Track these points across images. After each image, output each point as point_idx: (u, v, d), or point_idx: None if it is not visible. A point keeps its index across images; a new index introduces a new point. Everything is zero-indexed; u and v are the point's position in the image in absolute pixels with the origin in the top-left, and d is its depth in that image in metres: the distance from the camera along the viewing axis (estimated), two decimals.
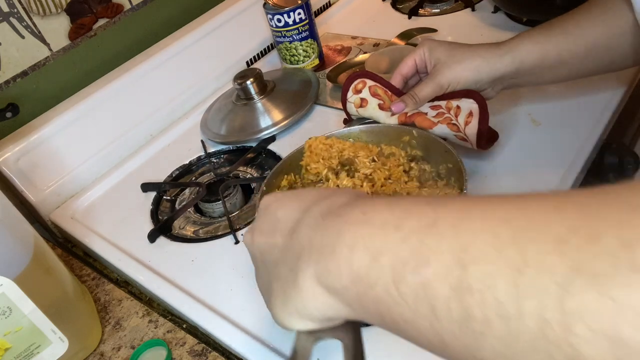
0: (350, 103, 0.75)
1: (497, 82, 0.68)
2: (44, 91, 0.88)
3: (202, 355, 0.61)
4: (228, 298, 0.66)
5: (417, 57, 0.71)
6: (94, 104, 0.90)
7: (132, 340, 0.64)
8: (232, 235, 0.74)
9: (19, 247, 0.55)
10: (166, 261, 0.74)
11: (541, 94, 0.82)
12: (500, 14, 1.06)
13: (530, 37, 0.66)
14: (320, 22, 1.21)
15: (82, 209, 0.88)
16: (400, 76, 0.72)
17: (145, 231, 0.78)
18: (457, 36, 1.04)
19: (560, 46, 0.65)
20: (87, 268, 0.77)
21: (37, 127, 0.84)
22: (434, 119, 0.68)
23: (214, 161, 0.92)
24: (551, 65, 0.66)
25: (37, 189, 0.85)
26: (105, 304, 0.70)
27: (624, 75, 0.79)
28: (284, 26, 1.00)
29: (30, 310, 0.55)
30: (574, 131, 0.75)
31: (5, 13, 0.80)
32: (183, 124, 1.00)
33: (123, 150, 0.95)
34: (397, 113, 0.70)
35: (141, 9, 0.98)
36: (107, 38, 0.94)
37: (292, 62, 1.05)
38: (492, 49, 0.67)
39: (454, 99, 0.68)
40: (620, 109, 0.80)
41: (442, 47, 0.69)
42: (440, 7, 1.16)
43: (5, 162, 0.82)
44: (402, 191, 0.61)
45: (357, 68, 1.01)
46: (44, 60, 0.87)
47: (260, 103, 0.95)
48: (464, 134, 0.66)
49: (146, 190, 0.87)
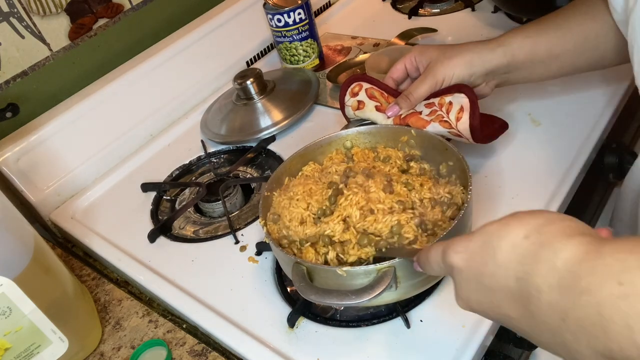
0: (347, 106, 0.75)
1: (490, 76, 0.69)
2: (44, 91, 0.88)
3: (202, 355, 0.61)
4: (228, 298, 0.66)
5: (407, 62, 0.72)
6: (94, 104, 0.90)
7: (132, 340, 0.64)
8: (232, 235, 0.74)
9: (19, 247, 0.55)
10: (166, 261, 0.74)
11: (541, 93, 0.82)
12: (500, 14, 1.06)
13: (521, 32, 0.67)
14: (320, 22, 1.21)
15: (82, 209, 0.88)
16: (390, 81, 0.73)
17: (145, 231, 0.78)
18: (457, 36, 1.04)
19: (551, 40, 0.66)
20: (87, 268, 0.77)
21: (37, 127, 0.84)
22: (427, 117, 0.68)
23: (214, 161, 0.92)
24: (542, 59, 0.67)
25: (37, 189, 0.85)
26: (105, 304, 0.70)
27: (624, 74, 0.79)
28: (284, 26, 1.00)
29: (30, 310, 0.55)
30: (574, 131, 0.75)
31: (5, 13, 0.80)
32: (183, 124, 1.00)
33: (123, 150, 0.95)
34: (393, 116, 0.70)
35: (141, 9, 0.98)
36: (107, 38, 0.94)
37: (292, 62, 1.05)
38: (484, 44, 0.68)
39: (446, 95, 0.68)
40: (620, 109, 0.80)
41: (433, 48, 0.70)
42: (440, 7, 1.16)
43: (5, 162, 0.82)
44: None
45: (357, 68, 1.01)
46: (44, 60, 0.87)
47: (260, 103, 0.95)
48: (457, 130, 0.66)
49: (146, 190, 0.87)
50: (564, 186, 0.69)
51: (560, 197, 0.67)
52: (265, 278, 0.67)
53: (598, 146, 0.75)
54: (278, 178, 0.67)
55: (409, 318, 0.58)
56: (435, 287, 0.61)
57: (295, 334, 0.60)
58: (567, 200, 0.69)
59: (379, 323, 0.59)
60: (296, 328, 0.61)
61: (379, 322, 0.59)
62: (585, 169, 0.72)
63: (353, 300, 0.50)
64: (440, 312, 0.59)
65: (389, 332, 0.58)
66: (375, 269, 0.51)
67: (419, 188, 0.61)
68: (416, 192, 0.60)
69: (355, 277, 0.52)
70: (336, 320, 0.61)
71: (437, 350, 0.55)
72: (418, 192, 0.60)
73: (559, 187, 0.68)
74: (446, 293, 0.61)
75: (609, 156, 0.82)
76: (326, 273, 0.53)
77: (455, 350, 0.55)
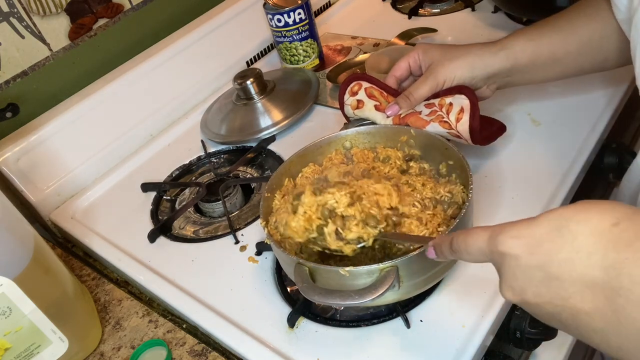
0: (347, 105, 0.75)
1: (491, 80, 0.68)
2: (44, 91, 0.88)
3: (202, 355, 0.61)
4: (228, 298, 0.66)
5: (410, 60, 0.71)
6: (94, 104, 0.90)
7: (132, 340, 0.64)
8: (232, 235, 0.74)
9: (19, 247, 0.55)
10: (166, 261, 0.74)
11: (541, 93, 0.82)
12: (500, 14, 1.06)
13: (523, 35, 0.67)
14: (320, 22, 1.21)
15: (82, 209, 0.88)
16: (393, 78, 0.73)
17: (145, 231, 0.78)
18: (457, 36, 1.04)
19: (554, 43, 0.65)
20: (87, 268, 0.77)
21: (37, 127, 0.84)
22: (427, 117, 0.68)
23: (214, 161, 0.92)
24: (545, 62, 0.66)
25: (37, 189, 0.85)
26: (105, 304, 0.70)
27: (624, 75, 0.79)
28: (284, 26, 1.00)
29: (30, 310, 0.55)
30: (574, 131, 0.75)
31: (5, 13, 0.80)
32: (183, 124, 1.00)
33: (123, 150, 0.95)
34: (392, 115, 0.70)
35: (141, 9, 0.98)
36: (107, 38, 0.94)
37: (292, 62, 1.05)
38: (486, 46, 0.67)
39: (447, 96, 0.68)
40: (620, 109, 0.80)
41: (436, 48, 0.69)
42: (440, 7, 1.16)
43: (5, 162, 0.82)
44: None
45: (357, 68, 1.01)
46: (44, 60, 0.87)
47: (260, 103, 0.95)
48: (456, 131, 0.66)
49: (146, 190, 0.87)
50: (564, 186, 0.69)
51: (560, 197, 0.67)
52: (265, 278, 0.67)
53: (598, 146, 0.75)
54: (278, 179, 0.67)
55: (409, 318, 0.58)
56: (436, 287, 0.61)
57: (295, 334, 0.60)
58: (567, 200, 0.69)
59: (379, 323, 0.59)
60: (296, 328, 0.61)
61: (379, 322, 0.59)
62: (585, 169, 0.72)
63: (356, 300, 0.50)
64: (440, 312, 0.59)
65: (389, 332, 0.58)
66: (378, 269, 0.51)
67: (420, 188, 0.61)
68: (417, 192, 0.60)
69: (357, 277, 0.51)
70: (336, 320, 0.61)
71: (437, 350, 0.55)
72: (419, 192, 0.60)
73: (559, 187, 0.69)
74: (446, 293, 0.61)
75: (608, 156, 0.82)
76: (328, 273, 0.53)
77: (455, 350, 0.55)
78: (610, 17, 0.61)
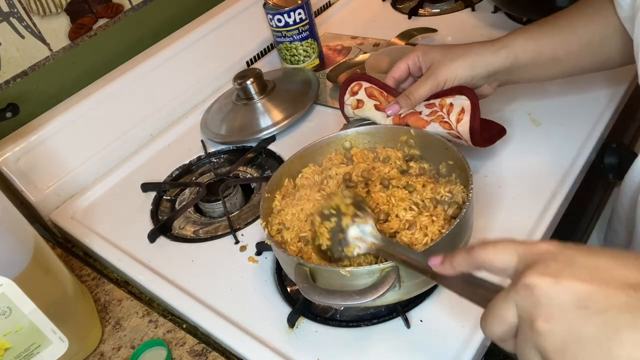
0: (347, 105, 0.75)
1: (492, 78, 0.68)
2: (44, 91, 0.88)
3: (202, 355, 0.61)
4: (228, 298, 0.66)
5: (410, 61, 0.71)
6: (94, 104, 0.90)
7: (132, 340, 0.64)
8: (232, 235, 0.74)
9: (19, 247, 0.55)
10: (166, 261, 0.74)
11: (541, 93, 0.82)
12: (500, 14, 1.06)
13: (524, 33, 0.67)
14: (320, 22, 1.21)
15: (82, 209, 0.88)
16: (392, 80, 0.73)
17: (145, 231, 0.78)
18: (457, 36, 1.04)
19: (555, 42, 0.65)
20: (87, 268, 0.77)
21: (37, 127, 0.84)
22: (427, 117, 0.68)
23: (214, 161, 0.92)
24: (546, 61, 0.66)
25: (37, 189, 0.85)
26: (105, 304, 0.70)
27: (624, 74, 0.79)
28: (284, 26, 1.00)
29: (30, 310, 0.54)
30: (574, 131, 0.75)
31: (5, 13, 0.80)
32: (183, 124, 1.00)
33: (123, 150, 0.95)
34: (392, 115, 0.70)
35: (141, 9, 0.98)
36: (107, 38, 0.94)
37: (292, 62, 1.05)
38: (487, 45, 0.67)
39: (447, 97, 0.68)
40: (620, 109, 0.80)
41: (436, 49, 0.69)
42: (440, 7, 1.16)
43: (5, 162, 0.82)
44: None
45: (357, 68, 1.01)
46: (44, 60, 0.87)
47: (260, 103, 0.95)
48: (456, 132, 0.66)
49: (146, 190, 0.87)
50: (564, 186, 0.69)
51: (561, 197, 0.67)
52: (265, 278, 0.67)
53: (598, 146, 0.75)
54: (278, 179, 0.67)
55: (409, 318, 0.58)
56: (436, 287, 0.61)
57: (295, 334, 0.60)
58: (567, 200, 0.69)
59: (379, 323, 0.59)
60: (296, 328, 0.61)
61: (379, 322, 0.59)
62: (585, 169, 0.72)
63: (357, 300, 0.50)
64: (440, 312, 0.59)
65: (389, 332, 0.58)
66: (379, 269, 0.51)
67: (420, 189, 0.61)
68: (417, 193, 0.60)
69: (358, 277, 0.51)
70: (336, 320, 0.61)
71: (437, 350, 0.55)
72: (420, 193, 0.60)
73: (559, 187, 0.69)
74: (446, 293, 0.60)
75: (609, 156, 0.82)
76: (329, 273, 0.53)
77: (455, 350, 0.55)
78: (611, 18, 0.61)
